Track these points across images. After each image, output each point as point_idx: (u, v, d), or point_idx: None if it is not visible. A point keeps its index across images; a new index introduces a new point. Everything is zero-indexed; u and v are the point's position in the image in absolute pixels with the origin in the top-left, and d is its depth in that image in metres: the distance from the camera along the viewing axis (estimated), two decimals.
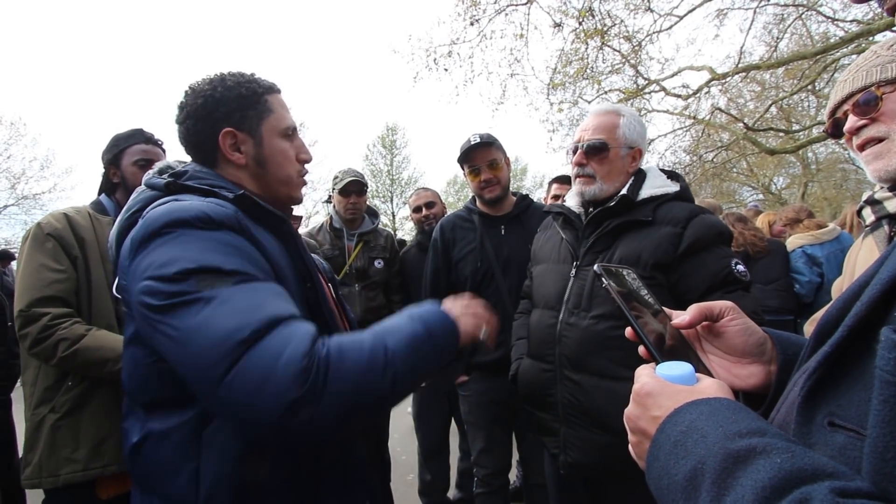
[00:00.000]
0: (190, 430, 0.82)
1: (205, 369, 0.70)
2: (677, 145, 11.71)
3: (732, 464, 0.38)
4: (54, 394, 1.54)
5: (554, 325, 1.47)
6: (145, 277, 0.76)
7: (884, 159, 0.96)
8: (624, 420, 0.57)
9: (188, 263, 0.75)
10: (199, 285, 0.73)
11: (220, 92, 0.99)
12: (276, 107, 1.04)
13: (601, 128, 1.50)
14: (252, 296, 0.75)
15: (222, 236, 0.81)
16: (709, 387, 0.51)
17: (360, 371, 0.74)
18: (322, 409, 0.70)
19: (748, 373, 0.65)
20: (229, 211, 0.86)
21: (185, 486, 0.81)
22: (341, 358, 0.73)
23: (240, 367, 0.68)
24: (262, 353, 0.69)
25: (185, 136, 1.02)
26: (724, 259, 1.35)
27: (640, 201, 1.44)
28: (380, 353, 0.77)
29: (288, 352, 0.69)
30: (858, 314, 0.40)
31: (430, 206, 3.02)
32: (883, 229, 1.11)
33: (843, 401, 0.40)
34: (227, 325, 0.70)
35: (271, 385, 0.67)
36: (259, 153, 1.02)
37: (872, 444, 0.32)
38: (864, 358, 0.39)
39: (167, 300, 0.73)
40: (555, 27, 8.66)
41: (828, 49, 8.11)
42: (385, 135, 27.23)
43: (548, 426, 1.50)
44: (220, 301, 0.72)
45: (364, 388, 0.75)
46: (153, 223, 0.81)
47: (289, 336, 0.72)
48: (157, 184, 0.95)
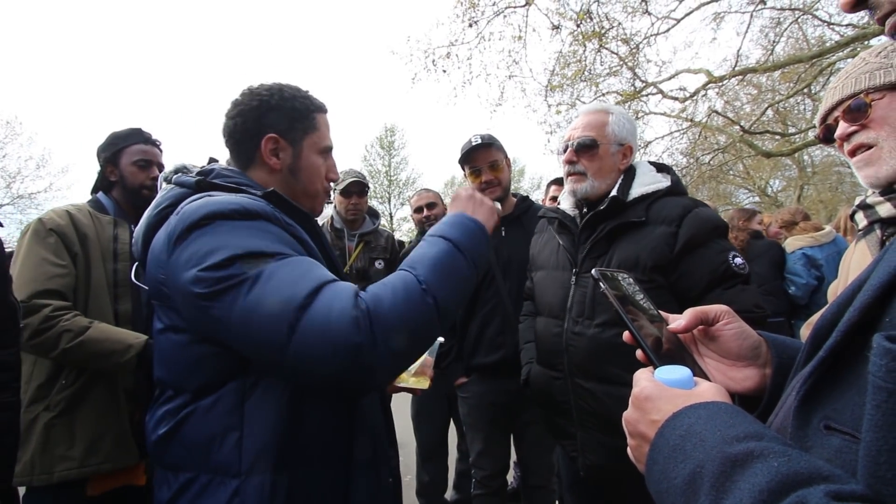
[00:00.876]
0: (232, 401, 0.87)
1: (268, 338, 0.76)
2: (674, 147, 11.76)
3: (730, 468, 0.39)
4: (48, 391, 1.54)
5: (560, 335, 1.47)
6: (190, 267, 0.81)
7: (874, 166, 0.98)
8: (623, 424, 0.57)
9: (232, 250, 0.80)
10: (244, 267, 0.79)
11: (275, 100, 1.07)
12: (321, 125, 1.13)
13: (590, 126, 1.50)
14: (295, 267, 0.81)
15: (259, 224, 0.87)
16: (706, 390, 0.51)
17: (399, 307, 0.81)
18: (380, 351, 0.77)
19: (743, 376, 0.66)
20: (263, 203, 0.92)
21: (228, 454, 0.85)
22: (379, 302, 0.80)
23: (300, 329, 0.75)
24: (317, 312, 0.76)
25: (230, 130, 1.08)
26: (722, 254, 1.34)
27: (631, 201, 1.44)
28: (412, 284, 0.84)
29: (336, 306, 0.77)
30: (851, 319, 0.40)
31: (431, 206, 3.03)
32: (875, 233, 1.12)
33: (839, 405, 0.40)
34: (280, 296, 0.77)
35: (331, 336, 0.75)
36: (295, 163, 1.09)
37: (866, 447, 0.33)
38: (857, 362, 0.40)
39: (216, 286, 0.78)
40: (553, 29, 8.69)
41: (824, 53, 8.17)
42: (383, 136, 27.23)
43: (565, 430, 1.50)
44: (266, 277, 0.78)
45: (409, 319, 0.82)
46: (191, 216, 0.85)
47: (333, 294, 0.79)
48: (188, 182, 1.00)
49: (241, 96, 1.09)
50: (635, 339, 0.62)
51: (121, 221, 1.74)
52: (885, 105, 0.96)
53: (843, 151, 1.08)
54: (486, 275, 2.16)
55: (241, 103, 1.08)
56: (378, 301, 0.80)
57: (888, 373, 0.32)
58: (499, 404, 2.15)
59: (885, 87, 0.97)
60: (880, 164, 0.97)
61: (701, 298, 1.30)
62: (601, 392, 1.37)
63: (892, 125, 0.95)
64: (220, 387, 0.88)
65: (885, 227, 1.08)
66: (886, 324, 0.38)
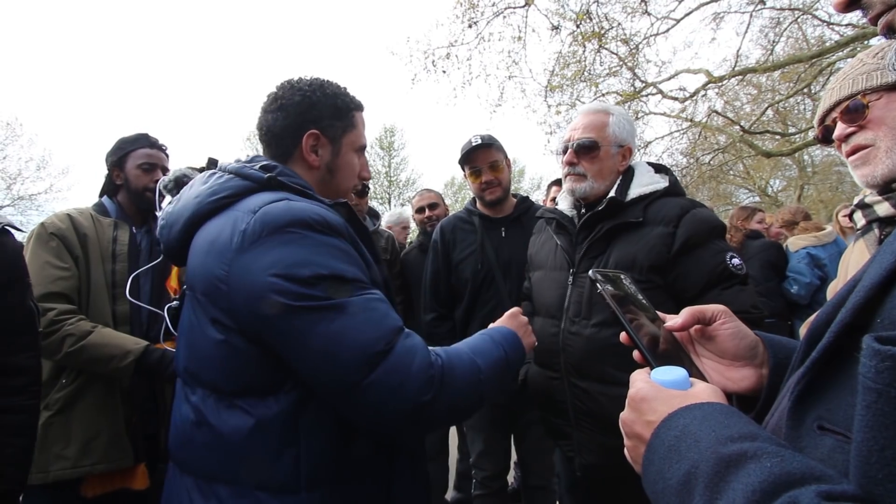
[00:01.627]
0: (289, 416, 0.85)
1: (342, 375, 0.78)
2: (674, 148, 11.76)
3: (724, 468, 0.39)
4: (48, 390, 1.55)
5: (556, 335, 1.47)
6: (273, 274, 0.80)
7: (870, 165, 0.98)
8: (619, 425, 0.58)
9: (321, 269, 0.81)
10: (329, 291, 0.80)
11: (317, 96, 1.05)
12: (359, 123, 1.13)
13: (591, 126, 1.50)
14: (375, 307, 0.84)
15: (339, 243, 0.88)
16: (702, 391, 0.52)
17: (464, 382, 0.88)
18: (437, 412, 0.82)
19: (740, 376, 0.67)
20: (340, 218, 0.93)
21: (287, 471, 0.84)
22: (452, 370, 0.86)
23: (377, 375, 0.77)
24: (396, 362, 0.79)
25: (269, 124, 1.05)
26: (719, 255, 1.34)
27: (629, 202, 1.44)
28: (476, 370, 0.91)
29: (417, 361, 0.81)
30: (843, 320, 0.41)
31: (433, 207, 3.03)
32: (873, 233, 1.12)
33: (832, 405, 0.41)
34: (364, 337, 0.79)
35: (406, 391, 0.79)
36: (334, 161, 1.09)
37: (857, 448, 0.33)
38: (850, 363, 0.40)
39: (299, 301, 0.79)
40: (552, 30, 8.69)
41: (823, 53, 8.17)
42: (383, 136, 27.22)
43: (561, 430, 1.51)
44: (351, 311, 0.80)
45: (465, 396, 0.88)
46: (275, 219, 0.84)
47: (412, 347, 0.83)
48: (255, 175, 0.96)
49: (280, 90, 1.07)
50: (632, 339, 0.63)
51: (121, 223, 1.76)
52: (882, 106, 0.97)
53: (841, 151, 1.09)
54: (486, 275, 2.17)
55: (281, 97, 1.05)
56: (451, 365, 0.86)
57: (878, 373, 0.32)
58: (499, 405, 2.15)
59: (883, 87, 0.97)
60: (876, 163, 0.97)
61: (698, 299, 1.30)
62: (597, 392, 1.37)
63: (890, 125, 0.96)
64: (263, 394, 0.85)
65: (884, 226, 1.08)
66: (877, 324, 0.38)
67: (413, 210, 3.19)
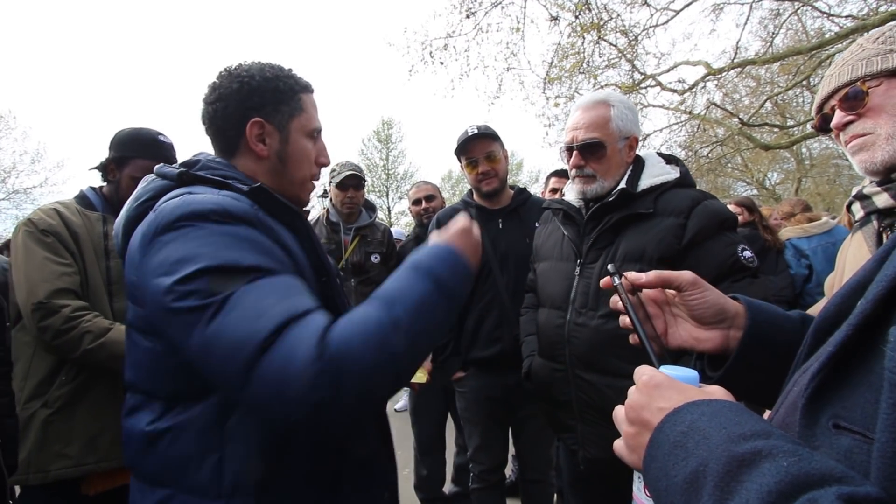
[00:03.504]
0: (212, 420, 0.81)
1: (224, 380, 0.72)
2: (673, 140, 11.71)
3: (737, 467, 0.37)
4: (47, 388, 1.52)
5: (562, 326, 1.45)
6: (160, 275, 0.75)
7: (868, 151, 0.96)
8: (623, 411, 0.55)
9: (203, 262, 0.73)
10: (212, 285, 0.72)
11: (257, 81, 0.98)
12: (307, 106, 1.05)
13: (593, 124, 1.43)
14: (263, 295, 0.73)
15: (239, 230, 0.80)
16: (716, 391, 0.50)
17: (372, 355, 0.72)
18: (345, 402, 0.70)
19: (706, 336, 0.73)
20: (246, 205, 0.85)
21: (207, 477, 0.80)
22: (348, 348, 0.71)
23: (257, 375, 0.68)
24: (273, 360, 0.68)
25: (211, 116, 1.00)
26: (730, 247, 1.32)
27: (640, 192, 1.41)
28: (389, 328, 0.74)
29: (299, 357, 0.68)
30: (864, 312, 0.39)
31: (430, 199, 3.01)
32: (871, 224, 1.10)
33: (849, 402, 0.39)
34: (238, 334, 0.70)
35: (290, 393, 0.68)
36: (283, 149, 1.02)
37: (881, 448, 0.31)
38: (868, 358, 0.38)
39: (182, 301, 0.72)
40: (551, 21, 8.61)
41: (823, 45, 8.12)
42: (380, 129, 27.08)
43: (565, 423, 1.49)
44: (231, 305, 0.71)
45: (380, 367, 0.73)
46: (166, 216, 0.79)
47: (297, 339, 0.70)
48: (169, 173, 0.93)
49: (218, 79, 1.01)
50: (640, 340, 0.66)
51: (109, 217, 1.70)
52: (881, 93, 0.94)
53: (839, 141, 1.06)
54: (483, 268, 2.14)
55: (219, 86, 0.99)
56: (348, 346, 0.71)
57: None
58: (496, 398, 2.14)
59: (883, 73, 0.94)
60: (875, 149, 0.95)
61: None
62: (602, 384, 1.35)
63: (890, 113, 0.94)
64: (194, 399, 0.82)
65: (882, 217, 1.06)
66: None
67: (410, 202, 3.17)
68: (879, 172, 0.98)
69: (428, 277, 0.81)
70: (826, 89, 1.06)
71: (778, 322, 0.70)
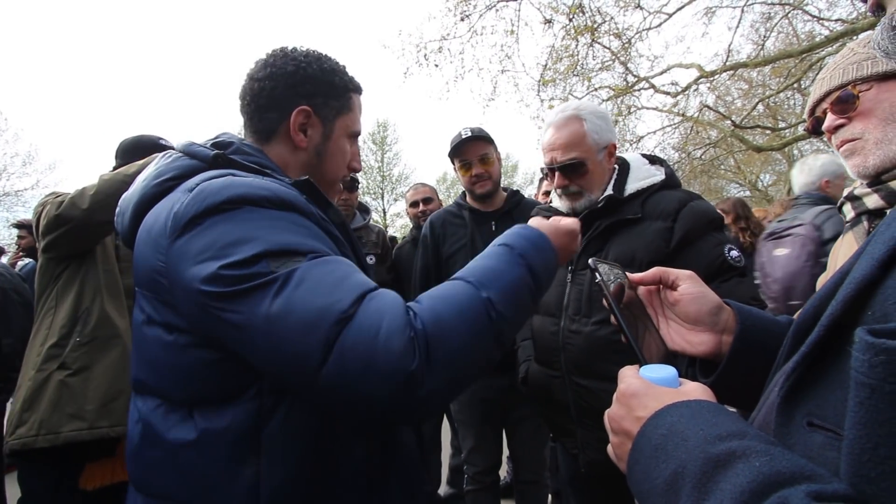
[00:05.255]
0: (248, 429, 0.71)
1: (297, 359, 0.63)
2: (666, 142, 11.81)
3: (712, 468, 0.38)
4: (62, 350, 1.54)
5: (556, 333, 1.45)
6: (205, 259, 0.67)
7: (860, 156, 0.98)
8: (606, 421, 0.57)
9: (261, 245, 0.66)
10: (272, 265, 0.66)
11: (314, 69, 0.93)
12: (355, 107, 1.01)
13: (570, 143, 1.43)
14: (331, 270, 0.68)
15: (292, 217, 0.74)
16: (692, 390, 0.51)
17: (465, 332, 0.67)
18: (434, 380, 0.63)
19: (699, 340, 0.70)
20: (296, 193, 0.79)
21: (242, 494, 0.70)
22: (438, 322, 0.66)
23: (339, 348, 0.61)
24: (361, 328, 0.62)
25: (255, 94, 0.92)
26: (718, 247, 1.33)
27: (626, 197, 1.42)
28: (480, 306, 0.69)
29: (385, 325, 0.63)
30: (833, 313, 0.40)
31: (427, 201, 3.02)
32: (862, 225, 1.12)
33: (821, 401, 0.40)
34: (313, 305, 0.63)
35: (379, 364, 0.61)
36: (323, 145, 0.96)
37: (849, 445, 0.32)
38: (840, 357, 0.39)
39: (236, 285, 0.65)
40: (545, 23, 8.66)
41: (813, 48, 8.22)
42: (375, 131, 27.09)
43: (564, 428, 1.50)
44: (298, 279, 0.65)
45: (472, 348, 0.68)
46: (212, 197, 0.71)
47: (380, 309, 0.64)
48: (201, 153, 0.84)
49: (271, 57, 0.94)
50: (624, 333, 0.64)
51: None
52: (872, 97, 0.96)
53: (831, 143, 1.08)
54: None
55: (272, 65, 0.92)
56: (438, 320, 0.66)
57: (871, 368, 0.31)
58: (490, 400, 2.15)
59: (873, 77, 0.96)
60: (867, 154, 0.96)
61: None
62: (599, 389, 1.35)
63: (880, 117, 0.95)
64: (225, 402, 0.72)
65: (873, 218, 1.08)
66: (869, 317, 0.37)
67: (407, 204, 3.17)
68: (871, 176, 1.00)
69: (522, 262, 0.78)
70: (818, 92, 1.07)
71: (768, 326, 0.69)
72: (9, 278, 2.67)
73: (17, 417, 1.51)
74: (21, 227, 4.04)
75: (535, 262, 0.79)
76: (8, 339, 2.39)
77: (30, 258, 4.13)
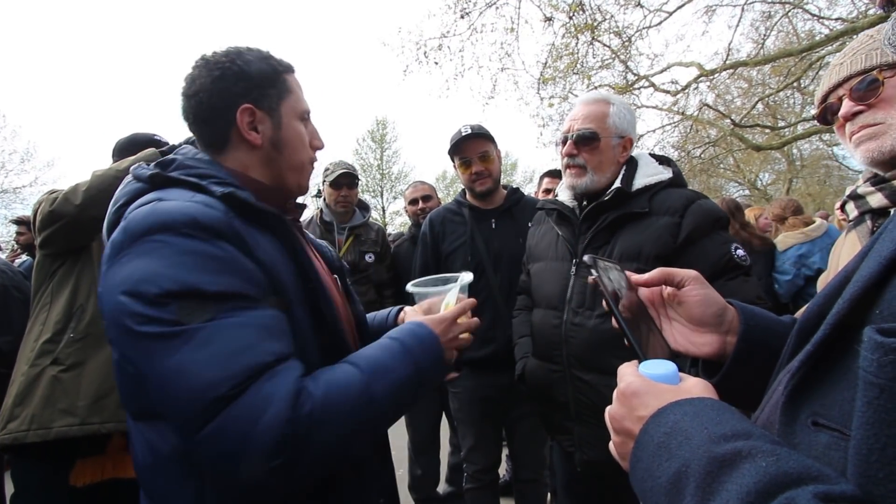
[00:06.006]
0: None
1: (178, 417, 0.66)
2: (666, 141, 11.79)
3: (717, 468, 0.37)
4: (55, 346, 1.55)
5: (559, 326, 1.45)
6: (122, 292, 0.70)
7: (877, 140, 0.94)
8: (607, 420, 0.56)
9: (172, 284, 0.68)
10: (180, 313, 0.67)
11: (238, 66, 0.91)
12: (294, 87, 0.98)
13: (591, 117, 1.47)
14: (235, 334, 0.69)
15: (209, 248, 0.73)
16: (693, 386, 0.50)
17: (344, 426, 0.72)
18: (302, 467, 0.68)
19: (703, 341, 0.69)
20: (219, 213, 0.77)
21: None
22: (326, 413, 0.70)
23: (215, 427, 0.64)
24: (240, 414, 0.64)
25: (194, 110, 0.92)
26: (724, 245, 1.34)
27: (634, 192, 1.42)
28: (366, 402, 0.75)
29: (268, 416, 0.65)
30: (840, 312, 0.39)
31: (426, 199, 3.00)
32: (866, 224, 1.11)
33: (827, 400, 0.39)
34: (203, 376, 0.65)
35: (249, 452, 0.64)
36: (277, 135, 0.94)
37: (856, 446, 0.32)
38: (846, 356, 0.39)
39: (142, 326, 0.67)
40: (545, 21, 8.63)
41: (813, 47, 8.21)
42: (375, 129, 27.03)
43: (561, 425, 1.49)
44: (199, 341, 0.66)
45: (347, 439, 0.74)
46: (134, 227, 0.73)
47: (269, 396, 0.66)
48: (142, 175, 0.86)
49: (196, 69, 0.92)
50: (622, 329, 0.63)
51: None
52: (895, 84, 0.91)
53: (841, 133, 1.03)
54: (476, 267, 2.14)
55: (199, 76, 0.90)
56: (325, 408, 0.70)
57: (880, 367, 0.30)
58: (490, 399, 2.14)
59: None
60: (885, 138, 0.92)
61: None
62: (601, 384, 1.35)
63: None
64: (159, 419, 0.76)
65: (876, 217, 1.07)
66: (876, 316, 0.36)
67: (406, 202, 3.16)
68: (885, 163, 0.96)
69: (413, 363, 0.84)
70: (835, 78, 1.01)
71: (771, 326, 0.69)
72: (10, 275, 2.66)
73: (9, 412, 1.51)
74: (20, 223, 4.03)
75: (424, 363, 0.86)
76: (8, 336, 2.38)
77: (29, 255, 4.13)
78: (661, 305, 0.75)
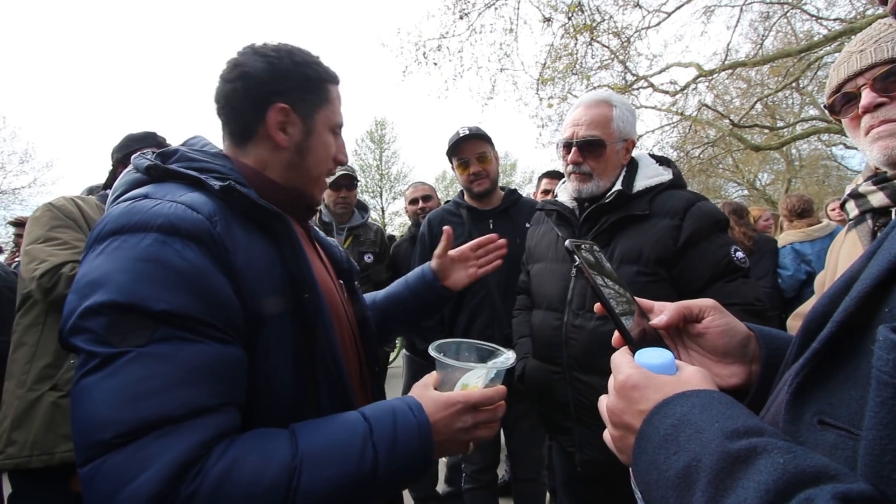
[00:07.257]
0: None
1: (77, 437, 0.61)
2: (665, 141, 11.80)
3: (731, 464, 0.36)
4: (55, 371, 1.53)
5: (559, 328, 1.44)
6: (75, 289, 0.66)
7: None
8: (605, 413, 0.55)
9: (114, 293, 0.62)
10: (111, 330, 0.62)
11: (286, 63, 0.88)
12: (334, 98, 0.96)
13: (595, 122, 1.44)
14: (151, 371, 0.61)
15: (173, 258, 0.66)
16: (692, 376, 0.49)
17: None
18: None
19: (729, 373, 0.63)
20: (201, 217, 0.71)
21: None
22: (216, 498, 0.58)
23: (89, 471, 0.58)
24: (110, 471, 0.57)
25: (228, 96, 0.88)
26: (724, 247, 1.34)
27: (635, 194, 1.42)
28: (278, 498, 0.60)
29: (134, 486, 0.55)
30: (848, 310, 0.38)
31: (426, 199, 3.00)
32: (866, 223, 1.10)
33: (834, 399, 0.38)
34: (96, 412, 0.59)
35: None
36: (304, 142, 0.91)
37: (868, 446, 0.31)
38: (854, 355, 0.38)
39: (75, 335, 0.64)
40: (544, 22, 8.64)
41: (812, 47, 8.23)
42: (374, 129, 27.05)
43: (561, 425, 1.49)
44: (112, 369, 0.60)
45: None
46: (109, 224, 0.70)
47: (149, 458, 0.57)
48: (140, 165, 0.82)
49: (241, 55, 0.89)
50: (612, 317, 0.60)
51: None
52: None
53: (854, 125, 0.97)
54: None
55: (242, 64, 0.87)
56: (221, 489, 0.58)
57: (895, 367, 0.29)
58: None
59: None
60: None
61: (702, 292, 1.29)
62: (601, 386, 1.32)
63: None
64: None
65: (877, 216, 1.06)
66: (886, 314, 0.36)
67: (406, 202, 3.16)
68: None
69: (371, 460, 0.68)
70: (855, 66, 0.95)
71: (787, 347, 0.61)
72: (3, 276, 2.64)
73: (7, 436, 1.50)
74: (18, 224, 4.00)
75: (390, 465, 0.69)
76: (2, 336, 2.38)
77: None
78: (675, 335, 0.68)
